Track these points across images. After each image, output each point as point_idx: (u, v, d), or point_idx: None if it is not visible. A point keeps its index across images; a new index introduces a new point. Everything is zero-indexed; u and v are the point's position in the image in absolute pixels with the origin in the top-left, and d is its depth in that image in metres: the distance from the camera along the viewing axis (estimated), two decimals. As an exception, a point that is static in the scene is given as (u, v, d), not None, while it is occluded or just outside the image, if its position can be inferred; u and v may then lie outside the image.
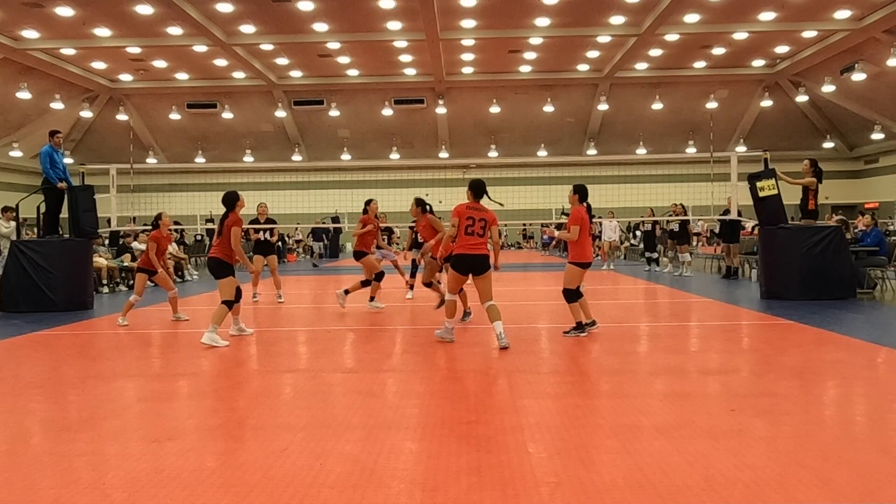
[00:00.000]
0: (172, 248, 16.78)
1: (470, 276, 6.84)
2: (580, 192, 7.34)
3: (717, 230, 14.62)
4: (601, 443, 3.68)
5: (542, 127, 31.48)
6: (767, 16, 20.42)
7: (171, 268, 9.57)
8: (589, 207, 7.34)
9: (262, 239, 11.56)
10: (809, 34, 22.49)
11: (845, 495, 2.94)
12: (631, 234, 25.20)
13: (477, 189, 6.92)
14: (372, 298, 10.14)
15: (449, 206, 7.87)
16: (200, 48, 22.93)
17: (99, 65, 25.46)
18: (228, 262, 7.26)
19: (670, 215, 16.78)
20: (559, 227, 20.55)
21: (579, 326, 7.21)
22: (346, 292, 9.95)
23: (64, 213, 10.96)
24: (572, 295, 7.20)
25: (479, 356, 6.30)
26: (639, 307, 10.38)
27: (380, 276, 10.14)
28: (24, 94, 24.68)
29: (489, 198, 7.02)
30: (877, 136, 29.60)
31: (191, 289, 14.03)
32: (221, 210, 7.53)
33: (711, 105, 29.30)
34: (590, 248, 7.31)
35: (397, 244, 22.03)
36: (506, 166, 34.17)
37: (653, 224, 17.65)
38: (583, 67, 26.83)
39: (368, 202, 10.38)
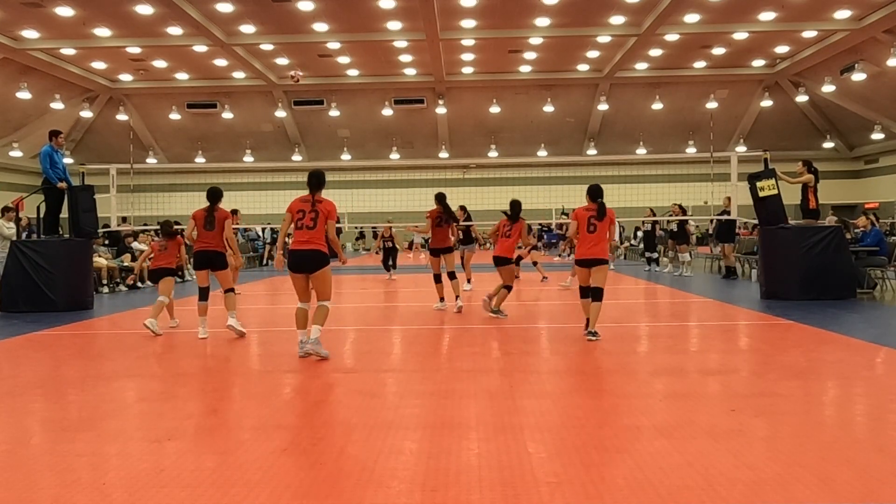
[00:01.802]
0: None
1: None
2: (589, 192, 7.33)
3: (709, 231, 14.74)
4: (601, 443, 3.67)
5: (542, 127, 31.48)
6: (767, 16, 20.42)
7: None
8: (601, 206, 7.11)
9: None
10: (809, 34, 22.49)
11: (845, 495, 2.94)
12: (631, 235, 25.21)
13: (309, 181, 6.37)
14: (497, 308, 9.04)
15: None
16: (200, 48, 22.93)
17: (99, 65, 25.45)
18: (225, 252, 7.80)
19: (669, 215, 16.78)
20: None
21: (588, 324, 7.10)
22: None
23: (64, 213, 10.96)
24: (581, 292, 7.17)
25: (479, 356, 6.29)
26: (639, 307, 10.38)
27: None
28: (24, 94, 24.68)
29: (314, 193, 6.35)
30: (877, 136, 29.60)
31: (191, 289, 14.01)
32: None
33: (711, 105, 29.30)
34: (583, 246, 7.10)
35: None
36: (506, 166, 34.16)
37: (652, 224, 17.64)
38: (583, 67, 26.83)
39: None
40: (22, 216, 12.64)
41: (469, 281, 12.75)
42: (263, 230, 27.08)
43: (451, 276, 9.76)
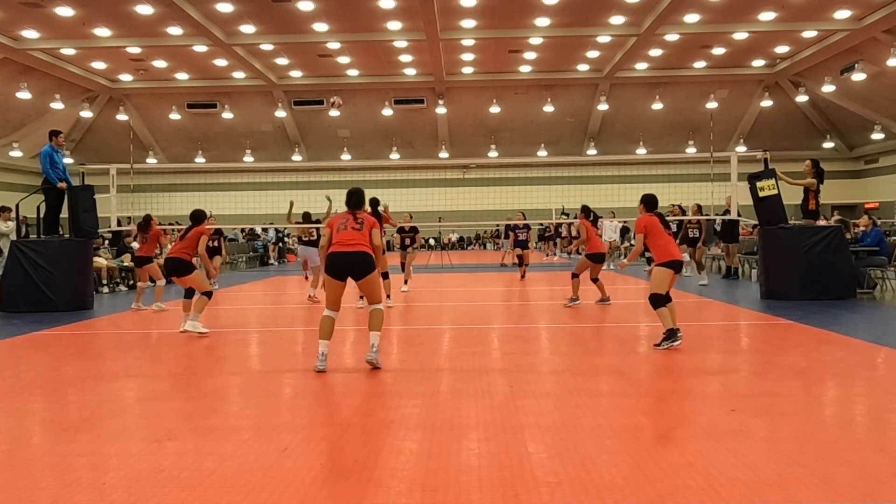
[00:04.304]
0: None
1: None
2: (644, 202, 6.91)
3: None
4: (601, 443, 3.67)
5: (542, 127, 31.49)
6: (767, 16, 20.43)
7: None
8: (659, 216, 6.76)
9: (211, 245, 13.28)
10: (809, 34, 22.50)
11: (845, 495, 2.94)
12: (631, 234, 25.17)
13: (349, 200, 5.96)
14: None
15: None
16: (200, 48, 22.94)
17: (99, 65, 25.46)
18: (189, 260, 8.05)
19: (667, 215, 16.76)
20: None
21: (670, 335, 6.37)
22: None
23: (64, 213, 10.96)
24: (658, 300, 6.46)
25: (479, 356, 6.29)
26: (639, 307, 10.38)
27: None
28: (24, 94, 24.69)
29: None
30: (877, 136, 29.61)
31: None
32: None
33: (711, 105, 29.31)
34: (671, 248, 6.64)
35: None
36: (506, 166, 34.18)
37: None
38: (583, 67, 26.84)
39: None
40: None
41: (406, 282, 12.88)
42: (265, 230, 27.09)
43: (385, 275, 10.22)
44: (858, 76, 24.04)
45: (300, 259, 12.47)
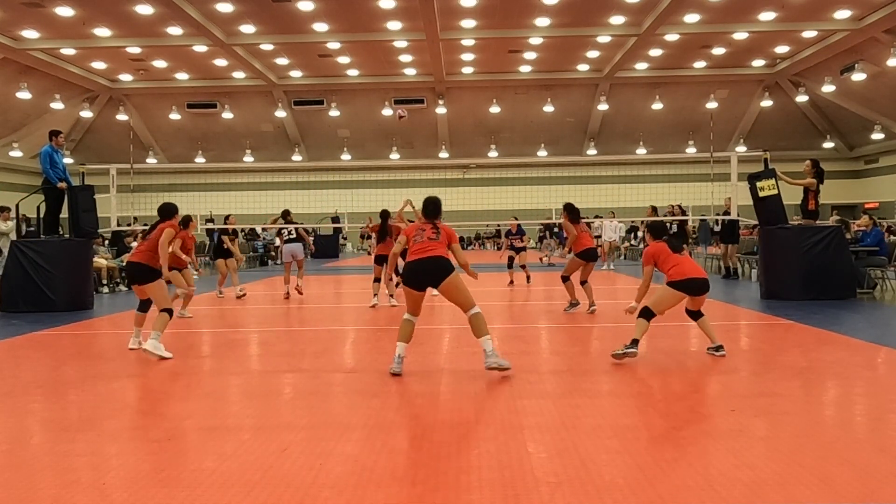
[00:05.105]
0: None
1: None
2: (651, 231, 6.50)
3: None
4: (601, 443, 3.67)
5: (542, 127, 31.49)
6: (767, 16, 20.43)
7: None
8: (668, 240, 6.32)
9: (224, 248, 12.95)
10: (809, 34, 22.50)
11: (845, 495, 2.94)
12: (632, 235, 25.19)
13: (426, 208, 5.90)
14: None
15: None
16: (200, 48, 22.94)
17: (99, 65, 25.47)
18: (153, 265, 6.60)
19: (665, 215, 16.77)
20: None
21: (633, 344, 5.90)
22: None
23: (64, 213, 10.96)
24: (646, 312, 6.09)
25: (479, 356, 6.28)
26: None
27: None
28: (24, 94, 24.69)
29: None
30: (877, 136, 29.61)
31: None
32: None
33: (711, 105, 29.30)
34: (684, 268, 6.08)
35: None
36: (506, 166, 34.18)
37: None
38: (583, 67, 26.85)
39: None
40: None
41: (392, 295, 11.11)
42: (264, 230, 27.06)
43: (398, 271, 10.25)
44: (858, 76, 24.04)
45: (285, 259, 12.50)
